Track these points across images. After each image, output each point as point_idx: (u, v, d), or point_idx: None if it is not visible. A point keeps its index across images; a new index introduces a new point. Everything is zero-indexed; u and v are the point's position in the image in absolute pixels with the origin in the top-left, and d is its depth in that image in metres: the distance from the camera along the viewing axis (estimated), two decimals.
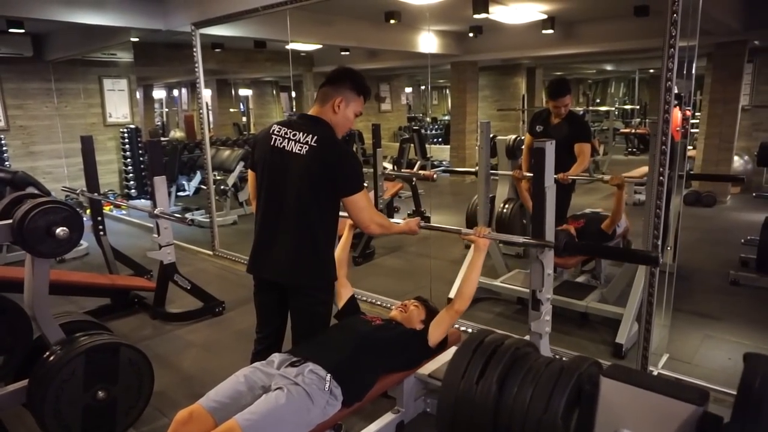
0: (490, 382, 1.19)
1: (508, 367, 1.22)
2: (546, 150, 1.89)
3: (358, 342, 1.95)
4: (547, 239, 1.95)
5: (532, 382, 1.17)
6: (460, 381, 1.23)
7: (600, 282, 3.91)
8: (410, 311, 2.24)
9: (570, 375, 1.15)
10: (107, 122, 7.96)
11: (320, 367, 1.77)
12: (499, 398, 1.18)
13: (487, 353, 1.25)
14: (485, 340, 1.29)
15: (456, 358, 1.25)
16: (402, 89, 12.64)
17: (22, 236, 2.04)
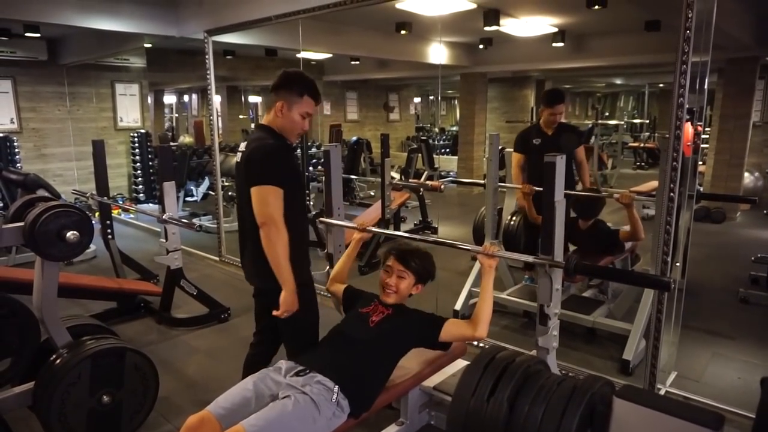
0: (501, 399, 1.17)
1: (520, 385, 1.21)
2: (557, 164, 1.89)
3: (362, 350, 1.92)
4: (556, 257, 1.94)
5: (544, 400, 1.16)
6: (471, 397, 1.22)
7: (607, 297, 3.88)
8: (401, 290, 2.08)
9: (582, 394, 1.14)
10: (118, 126, 8.04)
11: (328, 379, 1.77)
12: (510, 416, 1.17)
13: (498, 370, 1.24)
14: (496, 357, 1.28)
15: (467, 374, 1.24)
16: (411, 99, 12.69)
17: (33, 239, 2.05)
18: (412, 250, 2.12)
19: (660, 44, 6.15)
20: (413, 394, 2.37)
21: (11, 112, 6.98)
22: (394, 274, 2.06)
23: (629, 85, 14.54)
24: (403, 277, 2.06)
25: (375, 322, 2.01)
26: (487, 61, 8.20)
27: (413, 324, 2.05)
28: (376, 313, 2.05)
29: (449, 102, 17.12)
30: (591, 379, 1.21)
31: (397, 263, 2.06)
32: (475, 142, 8.85)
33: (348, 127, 10.63)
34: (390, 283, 2.05)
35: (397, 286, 2.05)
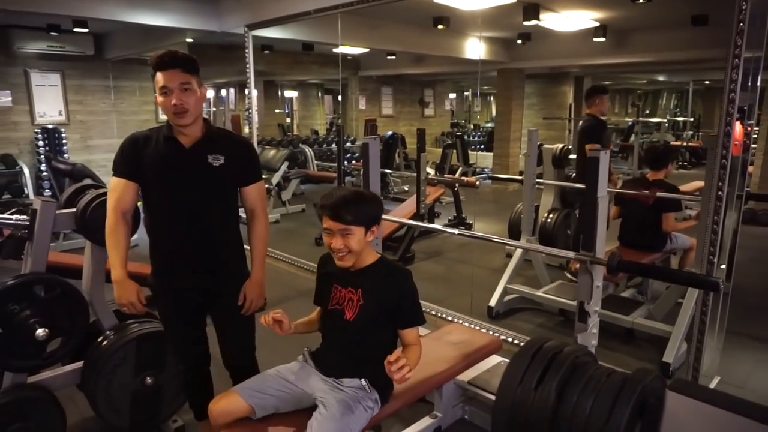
0: (549, 389, 1.16)
1: (568, 375, 1.19)
2: (601, 159, 1.85)
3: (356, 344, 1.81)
4: (597, 254, 1.91)
5: (593, 392, 1.14)
6: (518, 387, 1.21)
7: (646, 297, 3.79)
8: (353, 247, 1.71)
9: (633, 387, 1.12)
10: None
11: (351, 379, 1.77)
12: (557, 406, 1.16)
13: (546, 359, 1.22)
14: (544, 347, 1.27)
15: (513, 363, 1.22)
16: (446, 95, 12.62)
17: (84, 224, 2.14)
18: (344, 199, 1.71)
19: (707, 39, 5.94)
20: (447, 387, 2.38)
21: (60, 104, 7.25)
22: (336, 234, 1.70)
23: (672, 82, 14.11)
24: (349, 233, 1.69)
25: (351, 317, 1.77)
26: (525, 57, 8.08)
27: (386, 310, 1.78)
28: (346, 305, 1.79)
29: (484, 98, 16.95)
30: (642, 372, 1.18)
31: (334, 222, 1.69)
32: (512, 138, 8.74)
33: (382, 123, 10.64)
34: (337, 246, 1.70)
35: (347, 246, 1.70)
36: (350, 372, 1.77)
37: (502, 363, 2.65)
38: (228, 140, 1.98)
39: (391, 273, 1.82)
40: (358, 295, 1.78)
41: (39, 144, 6.95)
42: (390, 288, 1.77)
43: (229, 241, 2.05)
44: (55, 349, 2.13)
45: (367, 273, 1.79)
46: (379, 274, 1.79)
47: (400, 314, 1.77)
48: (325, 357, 1.85)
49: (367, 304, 1.77)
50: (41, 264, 2.09)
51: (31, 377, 2.19)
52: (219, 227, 1.99)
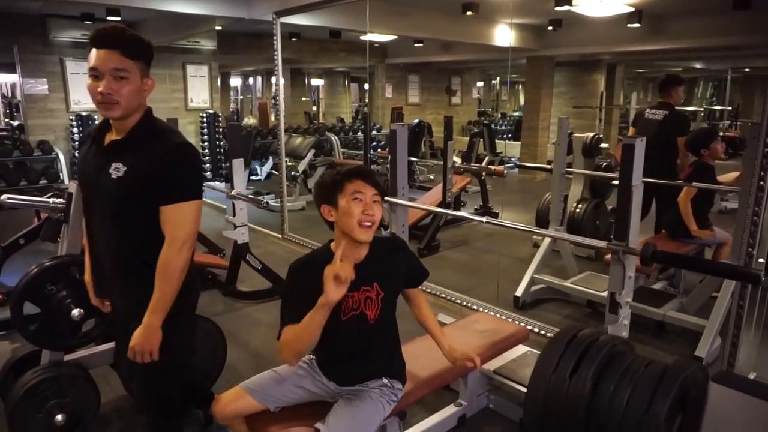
0: (585, 378, 1.14)
1: (604, 364, 1.16)
2: (636, 147, 1.80)
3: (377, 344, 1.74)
4: (631, 243, 1.86)
5: (631, 381, 1.11)
6: (552, 374, 1.19)
7: (678, 290, 3.70)
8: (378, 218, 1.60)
9: (674, 377, 1.09)
10: (188, 107, 8.36)
11: (375, 380, 1.73)
12: (593, 395, 1.13)
13: (582, 348, 1.20)
14: (579, 334, 1.24)
15: (548, 350, 1.20)
16: (473, 83, 12.46)
17: None
18: (370, 169, 1.73)
19: (749, 24, 5.71)
20: (473, 376, 2.37)
21: None
22: (368, 199, 1.58)
23: (709, 69, 13.63)
24: (378, 200, 1.61)
25: (375, 317, 1.66)
26: (556, 44, 7.91)
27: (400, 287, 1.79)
28: (365, 306, 1.65)
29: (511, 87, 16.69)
30: (683, 362, 1.15)
31: (367, 186, 1.58)
32: (540, 127, 8.60)
33: (409, 111, 10.58)
34: (370, 212, 1.56)
35: (377, 214, 1.59)
36: (375, 374, 1.73)
37: (528, 353, 2.63)
38: (152, 143, 1.56)
39: (390, 248, 1.76)
40: (375, 290, 1.66)
41: (74, 131, 7.13)
42: (397, 263, 1.75)
43: (132, 273, 1.62)
44: (89, 329, 2.19)
45: (373, 260, 1.67)
46: (383, 254, 1.71)
47: (411, 277, 1.83)
48: (343, 369, 1.74)
49: (387, 294, 1.68)
50: (77, 246, 2.14)
51: (67, 356, 2.26)
52: (118, 254, 1.62)
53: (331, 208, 1.61)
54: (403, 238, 2.70)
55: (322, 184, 1.65)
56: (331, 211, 1.61)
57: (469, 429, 2.37)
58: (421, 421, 2.27)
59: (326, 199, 1.62)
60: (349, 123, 11.47)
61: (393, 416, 1.84)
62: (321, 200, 1.64)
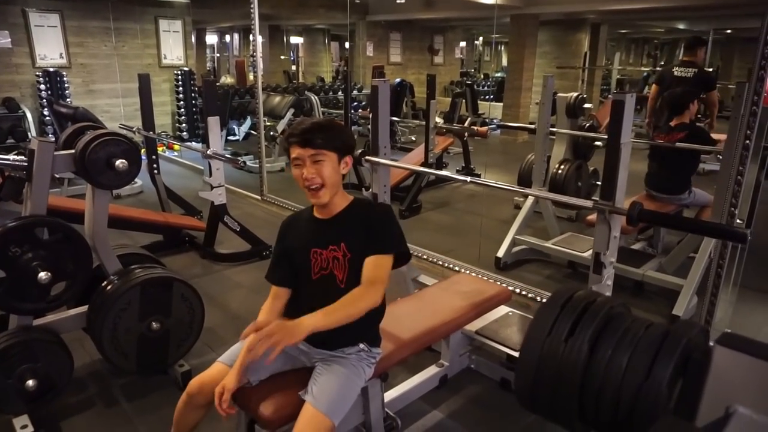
0: (581, 341, 1.10)
1: (601, 327, 1.13)
2: (626, 103, 1.74)
3: None
4: (617, 203, 1.83)
5: (630, 345, 1.08)
6: (546, 338, 1.15)
7: (657, 250, 3.74)
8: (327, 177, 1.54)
9: (676, 341, 1.06)
10: (162, 64, 8.03)
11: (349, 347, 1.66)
12: (590, 359, 1.11)
13: (578, 310, 1.16)
14: (574, 296, 1.21)
15: (542, 313, 1.17)
16: (456, 43, 12.20)
17: (83, 166, 2.07)
18: (315, 124, 1.57)
19: None
20: (455, 337, 2.36)
21: (60, 47, 7.05)
22: (307, 162, 1.52)
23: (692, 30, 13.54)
24: (321, 159, 1.53)
25: (343, 279, 1.60)
26: (541, 1, 7.74)
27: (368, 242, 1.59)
28: (334, 267, 1.60)
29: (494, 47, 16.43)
30: (685, 325, 1.12)
31: (303, 149, 1.52)
32: (523, 88, 8.49)
33: (390, 70, 10.35)
34: (309, 176, 1.51)
35: (321, 175, 1.52)
36: (350, 341, 1.65)
37: (510, 314, 2.63)
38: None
39: (368, 210, 1.66)
40: (342, 250, 1.59)
41: (41, 88, 6.80)
42: (370, 225, 1.59)
43: None
44: (59, 293, 2.10)
45: (343, 219, 1.62)
46: (357, 216, 1.61)
47: (372, 240, 1.57)
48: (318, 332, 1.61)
49: (355, 255, 1.58)
50: (41, 207, 2.03)
51: (37, 320, 2.18)
52: None
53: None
54: (385, 198, 2.64)
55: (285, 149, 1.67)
56: None
57: (450, 389, 2.37)
58: (402, 381, 2.26)
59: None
60: (330, 82, 11.20)
61: (375, 378, 1.81)
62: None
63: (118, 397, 2.35)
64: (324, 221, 1.64)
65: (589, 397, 1.08)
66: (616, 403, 1.05)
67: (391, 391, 2.15)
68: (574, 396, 1.09)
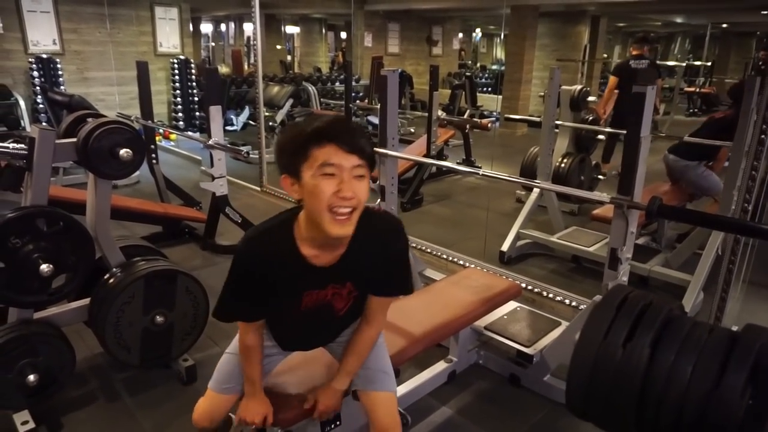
0: (642, 345, 1.06)
1: (660, 331, 1.10)
2: (647, 95, 1.70)
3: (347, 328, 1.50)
4: (635, 198, 1.80)
5: (694, 350, 1.04)
6: (602, 341, 1.11)
7: (661, 245, 3.72)
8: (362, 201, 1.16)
9: (748, 347, 1.02)
10: (158, 52, 7.90)
11: None
12: (650, 364, 1.07)
13: (635, 313, 1.12)
14: (629, 297, 1.17)
15: (597, 314, 1.12)
16: (455, 34, 12.12)
17: (86, 155, 2.01)
18: (357, 128, 1.19)
19: None
20: (464, 333, 2.32)
21: (53, 32, 6.91)
22: (345, 175, 1.11)
23: (689, 24, 13.54)
24: (363, 175, 1.14)
25: (344, 308, 1.38)
26: None
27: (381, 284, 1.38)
28: (333, 300, 1.34)
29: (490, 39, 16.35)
30: (754, 330, 1.09)
31: (345, 154, 1.11)
32: (523, 80, 8.43)
33: (388, 61, 10.25)
34: (349, 194, 1.11)
35: (359, 196, 1.13)
36: None
37: (518, 309, 2.60)
38: None
39: (386, 248, 1.31)
40: (348, 289, 1.33)
41: (34, 75, 6.67)
42: (388, 269, 1.34)
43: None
44: (60, 285, 2.05)
45: (351, 258, 1.26)
46: (370, 253, 1.28)
47: (386, 284, 1.37)
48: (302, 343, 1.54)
49: (362, 293, 1.36)
50: (43, 197, 1.97)
51: (37, 313, 2.12)
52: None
53: (294, 180, 1.14)
54: (393, 191, 2.59)
55: (281, 145, 1.17)
56: (294, 185, 1.15)
57: (459, 385, 2.34)
58: (411, 377, 2.23)
59: (286, 166, 1.15)
60: (327, 73, 11.09)
61: None
62: (281, 167, 1.17)
63: (120, 392, 2.30)
64: (324, 270, 1.26)
65: (650, 405, 1.04)
66: (680, 411, 1.02)
67: (401, 387, 2.11)
68: (632, 403, 1.06)
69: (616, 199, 1.81)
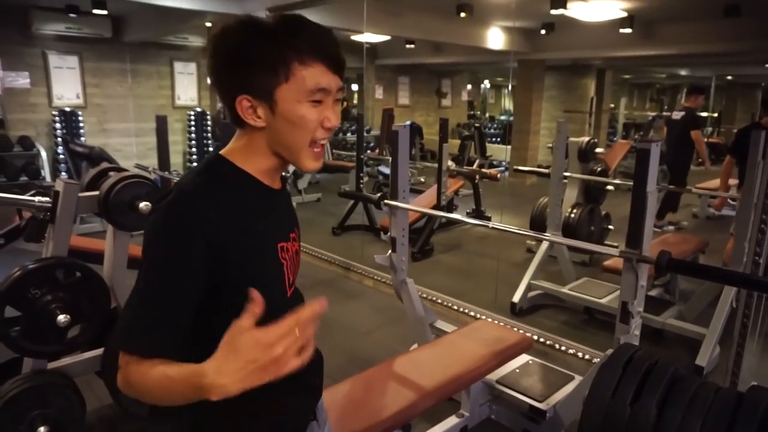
0: (649, 405, 1.07)
1: (667, 391, 1.10)
2: (651, 152, 1.75)
3: None
4: (644, 251, 1.81)
5: (701, 410, 1.04)
6: (611, 400, 1.11)
7: (674, 297, 3.68)
8: None
9: (754, 407, 1.02)
10: (176, 104, 8.19)
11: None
12: (657, 425, 1.06)
13: (641, 372, 1.13)
14: (635, 357, 1.17)
15: (604, 374, 1.13)
16: (463, 85, 12.44)
17: (107, 208, 2.08)
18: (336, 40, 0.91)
19: (737, 32, 5.77)
20: (475, 387, 2.30)
21: (77, 87, 7.22)
22: (329, 100, 0.90)
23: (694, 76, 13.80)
24: (342, 97, 0.96)
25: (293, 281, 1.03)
26: (548, 48, 7.90)
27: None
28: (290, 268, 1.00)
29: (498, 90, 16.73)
30: (760, 391, 1.09)
31: (334, 76, 0.89)
32: (531, 131, 8.59)
33: (399, 112, 10.51)
34: (333, 124, 0.90)
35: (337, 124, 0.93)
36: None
37: (530, 362, 2.57)
38: None
39: None
40: (297, 240, 1.04)
41: (56, 126, 6.93)
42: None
43: None
44: (75, 335, 2.07)
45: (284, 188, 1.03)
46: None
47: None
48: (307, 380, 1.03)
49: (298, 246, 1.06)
50: (63, 248, 2.03)
51: (51, 363, 2.14)
52: None
53: (260, 104, 0.87)
54: (404, 242, 2.62)
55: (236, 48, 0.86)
56: (258, 109, 0.87)
57: None
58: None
59: (249, 83, 0.86)
60: None
61: (398, 429, 1.76)
62: (234, 83, 0.87)
63: None
64: (280, 194, 0.99)
65: None
66: None
67: None
68: None
69: (625, 253, 1.83)
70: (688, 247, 3.66)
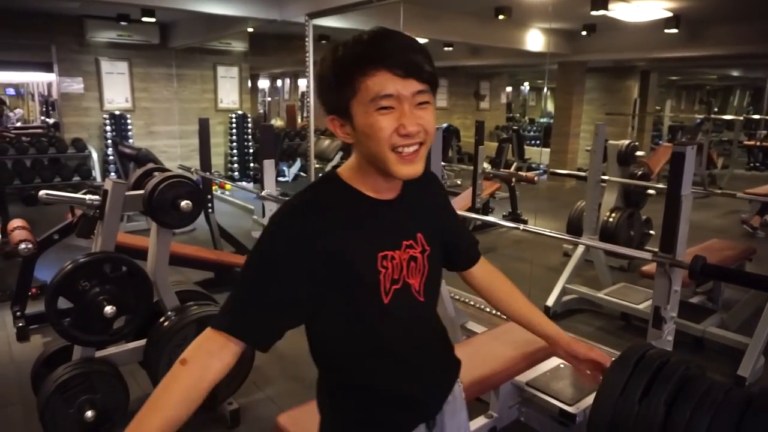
0: (657, 402, 1.06)
1: (677, 389, 1.09)
2: (687, 155, 1.72)
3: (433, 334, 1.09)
4: (678, 256, 1.78)
5: (710, 409, 1.03)
6: (619, 397, 1.11)
7: (717, 305, 3.57)
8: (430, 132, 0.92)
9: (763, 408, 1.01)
10: (218, 107, 8.45)
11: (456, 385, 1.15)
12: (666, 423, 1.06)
13: (652, 369, 1.12)
14: (647, 355, 1.17)
15: (614, 371, 1.13)
16: (502, 88, 12.35)
17: (151, 206, 2.19)
18: (414, 43, 0.90)
19: None
20: (504, 388, 2.30)
21: (126, 91, 7.55)
22: (406, 106, 0.87)
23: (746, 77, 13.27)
24: (427, 102, 0.90)
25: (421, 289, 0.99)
26: (589, 49, 7.77)
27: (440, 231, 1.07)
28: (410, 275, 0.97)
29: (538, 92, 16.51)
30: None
31: (404, 80, 0.86)
32: (571, 134, 8.45)
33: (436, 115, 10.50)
34: (413, 128, 0.88)
35: (426, 127, 0.90)
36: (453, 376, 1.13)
37: (561, 365, 2.55)
38: None
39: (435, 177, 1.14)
40: (420, 245, 1.00)
41: (107, 129, 7.27)
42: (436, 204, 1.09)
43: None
44: (120, 326, 2.19)
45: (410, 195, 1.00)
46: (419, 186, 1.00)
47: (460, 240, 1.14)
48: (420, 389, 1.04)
49: (434, 250, 1.02)
50: (111, 243, 2.15)
51: (98, 352, 2.26)
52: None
53: (343, 121, 0.91)
54: None
55: (321, 78, 0.91)
56: (345, 126, 0.91)
57: None
58: None
59: (332, 105, 0.91)
60: None
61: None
62: (326, 107, 0.93)
63: None
64: (393, 204, 0.98)
65: None
66: None
67: None
68: None
69: (658, 257, 1.80)
70: (732, 254, 3.53)
